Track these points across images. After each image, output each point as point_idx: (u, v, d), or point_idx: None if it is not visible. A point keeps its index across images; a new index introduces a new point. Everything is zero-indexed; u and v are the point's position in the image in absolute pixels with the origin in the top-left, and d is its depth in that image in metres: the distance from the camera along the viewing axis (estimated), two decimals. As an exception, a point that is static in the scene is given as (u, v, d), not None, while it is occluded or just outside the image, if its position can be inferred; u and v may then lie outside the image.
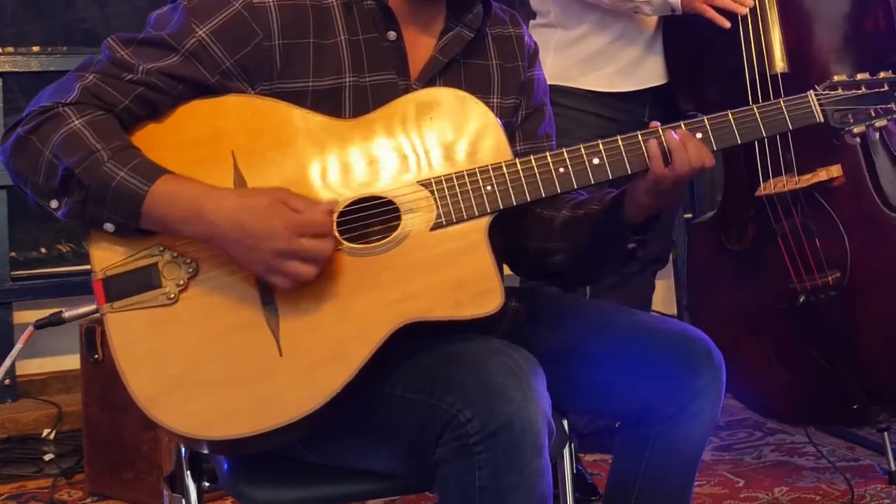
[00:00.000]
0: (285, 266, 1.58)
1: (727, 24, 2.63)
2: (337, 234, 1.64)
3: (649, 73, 2.81)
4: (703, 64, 2.80)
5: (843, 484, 2.79)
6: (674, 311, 4.10)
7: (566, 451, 1.88)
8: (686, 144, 1.70)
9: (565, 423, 1.86)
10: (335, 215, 1.64)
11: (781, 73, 2.66)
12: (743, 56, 2.67)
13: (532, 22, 2.85)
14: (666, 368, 1.75)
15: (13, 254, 3.62)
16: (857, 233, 2.67)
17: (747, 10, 2.65)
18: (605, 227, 1.78)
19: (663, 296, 4.20)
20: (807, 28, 2.72)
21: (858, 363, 2.69)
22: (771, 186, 2.68)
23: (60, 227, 3.75)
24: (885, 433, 2.78)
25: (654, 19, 2.78)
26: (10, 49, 3.60)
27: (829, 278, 2.68)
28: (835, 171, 2.66)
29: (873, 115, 1.76)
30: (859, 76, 1.77)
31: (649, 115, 2.84)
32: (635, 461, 1.82)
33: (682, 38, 2.79)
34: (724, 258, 2.87)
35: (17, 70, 3.56)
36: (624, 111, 2.81)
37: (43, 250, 3.77)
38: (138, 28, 1.74)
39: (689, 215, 4.14)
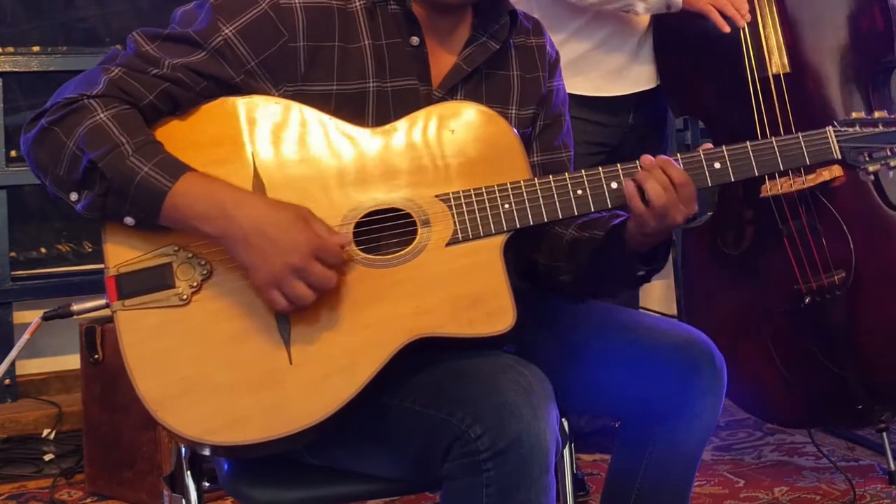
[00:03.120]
0: (291, 284, 1.57)
1: (727, 29, 2.63)
2: (353, 246, 1.64)
3: (637, 77, 2.80)
4: (698, 68, 2.80)
5: (843, 484, 2.79)
6: (674, 311, 4.10)
7: (566, 451, 1.88)
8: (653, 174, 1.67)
9: (566, 423, 1.86)
10: (349, 246, 1.63)
11: (784, 74, 2.66)
12: (743, 57, 2.67)
13: None
14: (667, 369, 1.75)
15: (13, 254, 3.62)
16: (860, 232, 2.68)
17: (745, 23, 2.65)
18: (610, 255, 1.77)
19: (663, 296, 4.19)
20: (806, 27, 2.73)
21: (862, 363, 2.69)
22: (778, 187, 2.68)
23: (60, 227, 3.75)
24: (885, 433, 2.79)
25: (643, 23, 2.77)
26: (11, 49, 3.60)
27: (836, 278, 2.68)
28: (836, 170, 2.66)
29: (889, 154, 1.76)
30: (877, 114, 1.77)
31: (633, 119, 2.83)
32: (635, 461, 1.82)
33: (674, 42, 2.78)
34: (721, 262, 2.87)
35: (17, 70, 3.56)
36: (609, 114, 2.79)
37: (43, 250, 3.76)
38: (139, 27, 1.73)
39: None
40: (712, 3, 2.64)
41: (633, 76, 2.80)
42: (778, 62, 2.67)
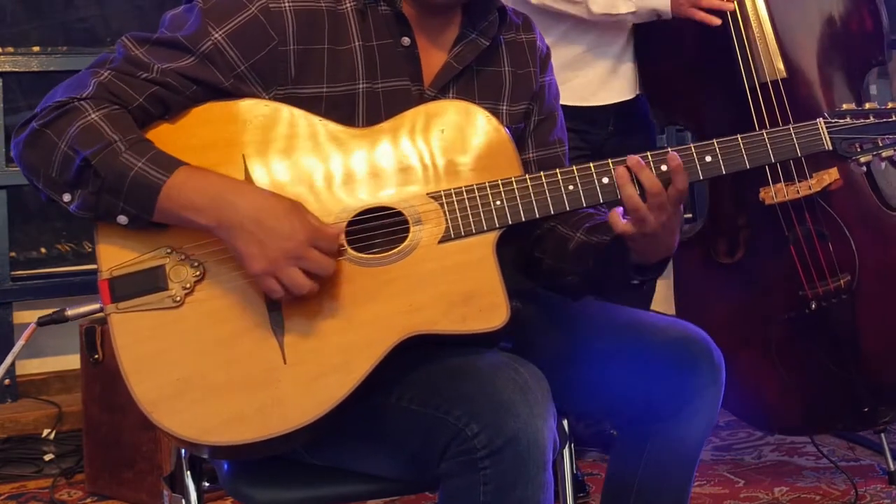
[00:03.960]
0: (286, 271, 1.57)
1: (717, 21, 2.62)
2: (345, 243, 1.64)
3: (619, 86, 2.79)
4: (688, 77, 2.79)
5: (843, 484, 2.79)
6: (673, 310, 4.10)
7: (566, 451, 1.88)
8: (638, 174, 1.67)
9: (565, 423, 1.86)
10: (343, 237, 1.63)
11: (781, 80, 2.66)
12: (739, 64, 2.66)
13: None
14: (666, 367, 1.75)
15: (13, 254, 3.62)
16: (861, 234, 2.68)
17: (733, 5, 2.64)
18: (612, 261, 1.77)
19: (663, 296, 4.18)
20: (798, 32, 2.72)
21: (867, 363, 2.69)
22: (784, 193, 2.67)
23: (60, 227, 3.76)
24: (883, 433, 2.79)
25: (624, 32, 2.77)
26: (11, 49, 3.60)
27: (842, 282, 2.67)
28: (833, 173, 2.66)
29: (880, 144, 1.75)
30: (868, 105, 1.77)
31: (613, 127, 2.83)
32: (634, 459, 1.82)
33: (660, 52, 2.77)
34: (715, 272, 2.85)
35: (17, 70, 3.57)
36: (590, 122, 2.79)
37: (43, 250, 3.77)
38: (139, 27, 1.73)
39: (690, 215, 4.13)
40: (690, 3, 2.63)
41: (615, 87, 2.79)
42: (773, 68, 2.67)
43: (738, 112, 2.68)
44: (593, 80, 2.76)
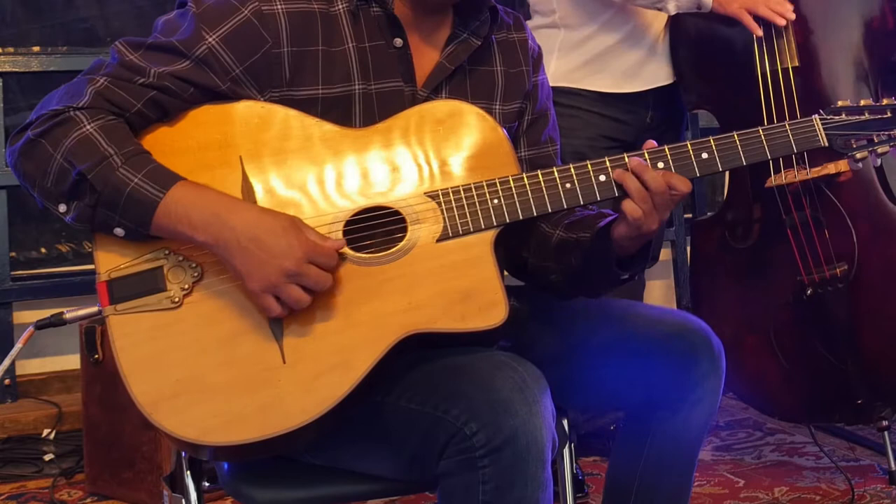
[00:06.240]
0: (286, 288, 1.57)
1: (760, 32, 2.64)
2: (347, 250, 1.64)
3: (654, 73, 2.81)
4: (711, 60, 2.80)
5: (843, 484, 2.79)
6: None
7: (566, 451, 1.88)
8: (641, 175, 1.67)
9: (565, 422, 1.86)
10: (343, 249, 1.63)
11: (793, 68, 2.67)
12: (754, 50, 2.68)
13: (530, 22, 2.81)
14: (665, 357, 1.75)
15: (13, 254, 3.62)
16: (864, 226, 2.69)
17: (787, 21, 2.66)
18: (596, 257, 1.77)
19: (663, 295, 4.20)
20: (817, 23, 2.74)
21: (863, 357, 2.70)
22: (782, 178, 2.70)
23: (60, 227, 3.76)
24: (886, 433, 2.79)
25: (661, 19, 2.78)
26: (11, 49, 3.60)
27: (837, 270, 2.69)
28: (842, 165, 2.67)
29: (876, 140, 1.76)
30: (863, 102, 1.78)
31: (651, 116, 2.84)
32: (636, 451, 1.83)
33: (689, 34, 2.79)
34: (728, 256, 2.88)
35: (17, 70, 3.57)
36: (628, 111, 2.80)
37: (43, 250, 3.77)
38: (139, 28, 1.73)
39: (689, 215, 4.14)
40: (744, 6, 2.64)
41: (651, 72, 2.80)
42: (787, 56, 2.68)
43: (754, 98, 2.69)
44: (631, 65, 2.77)
